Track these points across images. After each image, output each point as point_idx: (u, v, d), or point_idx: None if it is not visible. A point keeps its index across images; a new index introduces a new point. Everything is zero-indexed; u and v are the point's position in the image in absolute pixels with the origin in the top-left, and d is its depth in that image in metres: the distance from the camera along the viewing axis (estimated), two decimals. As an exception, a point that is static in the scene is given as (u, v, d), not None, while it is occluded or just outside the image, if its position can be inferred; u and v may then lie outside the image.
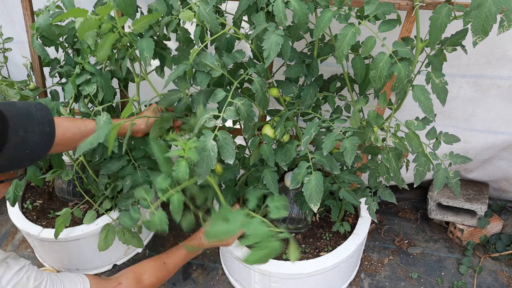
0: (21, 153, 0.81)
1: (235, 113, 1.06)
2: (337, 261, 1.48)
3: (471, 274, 1.79)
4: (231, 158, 1.05)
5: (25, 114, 0.83)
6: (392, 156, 1.20)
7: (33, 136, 0.83)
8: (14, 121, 0.79)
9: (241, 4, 1.14)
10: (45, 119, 0.86)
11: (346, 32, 1.03)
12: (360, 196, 1.45)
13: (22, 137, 0.80)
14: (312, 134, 1.16)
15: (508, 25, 0.88)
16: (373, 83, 1.06)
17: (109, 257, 1.85)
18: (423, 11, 1.10)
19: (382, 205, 2.11)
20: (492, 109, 1.61)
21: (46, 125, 0.85)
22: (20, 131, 0.80)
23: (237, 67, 1.28)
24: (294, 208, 1.59)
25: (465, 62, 1.51)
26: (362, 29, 1.05)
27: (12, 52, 1.74)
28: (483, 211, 1.79)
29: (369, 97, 1.32)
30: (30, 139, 0.82)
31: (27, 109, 0.84)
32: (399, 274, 1.80)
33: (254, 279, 1.56)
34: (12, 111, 0.81)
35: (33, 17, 1.49)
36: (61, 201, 1.86)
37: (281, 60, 1.25)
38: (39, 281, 0.90)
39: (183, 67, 1.14)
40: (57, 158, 1.54)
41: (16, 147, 0.79)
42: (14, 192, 1.43)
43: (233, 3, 1.29)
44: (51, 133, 0.87)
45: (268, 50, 1.06)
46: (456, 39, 1.12)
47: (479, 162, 1.82)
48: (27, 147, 0.81)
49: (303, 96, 1.29)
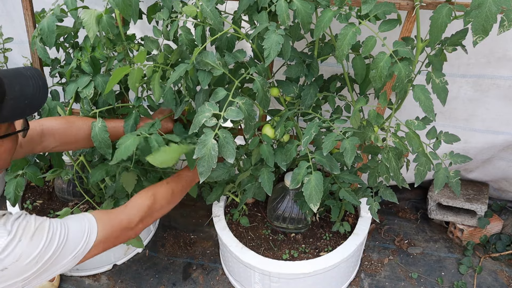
0: (21, 105, 0.88)
1: (237, 113, 1.06)
2: (337, 261, 1.48)
3: (471, 274, 1.79)
4: (232, 157, 1.05)
5: (16, 73, 0.90)
6: (392, 155, 1.20)
7: (28, 89, 0.89)
8: (8, 78, 0.86)
9: (241, 4, 1.14)
10: (35, 75, 0.92)
11: (346, 32, 1.03)
12: (361, 196, 1.45)
13: (19, 91, 0.87)
14: (312, 134, 1.16)
15: (509, 25, 0.88)
16: (374, 82, 1.06)
17: (109, 257, 1.85)
18: (424, 11, 1.10)
19: (382, 205, 2.11)
20: (492, 109, 1.61)
21: (37, 79, 0.92)
22: (16, 85, 0.87)
23: (237, 67, 1.28)
24: (294, 208, 1.59)
25: (465, 62, 1.51)
26: (363, 29, 1.05)
27: (12, 52, 1.74)
28: (483, 211, 1.79)
29: (369, 97, 1.32)
30: (27, 91, 0.89)
31: (17, 70, 0.92)
32: (399, 274, 1.80)
33: (254, 279, 1.56)
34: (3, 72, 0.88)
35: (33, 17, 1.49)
36: (61, 201, 1.86)
37: (281, 60, 1.25)
38: (40, 220, 0.93)
39: (184, 66, 1.14)
40: (57, 158, 1.54)
41: (16, 99, 0.86)
42: (15, 192, 1.43)
43: (232, 3, 1.29)
44: (44, 85, 0.93)
45: (269, 50, 1.06)
46: (457, 39, 1.12)
47: (479, 162, 1.82)
48: (26, 98, 0.88)
49: (303, 96, 1.29)
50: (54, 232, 0.93)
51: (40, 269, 0.90)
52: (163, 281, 1.82)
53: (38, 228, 0.91)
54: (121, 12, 1.18)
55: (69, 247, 0.96)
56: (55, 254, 0.92)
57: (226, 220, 1.65)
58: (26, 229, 0.89)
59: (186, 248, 1.96)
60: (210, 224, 2.04)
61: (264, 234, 1.66)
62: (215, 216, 1.66)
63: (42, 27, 1.30)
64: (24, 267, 0.87)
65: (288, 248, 1.59)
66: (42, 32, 1.30)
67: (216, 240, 1.95)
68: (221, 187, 1.58)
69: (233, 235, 1.58)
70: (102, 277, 1.84)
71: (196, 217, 2.10)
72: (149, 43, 1.32)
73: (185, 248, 1.96)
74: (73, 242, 0.97)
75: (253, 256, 1.51)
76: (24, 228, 0.89)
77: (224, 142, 1.05)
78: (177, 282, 1.82)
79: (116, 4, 1.16)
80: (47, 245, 0.91)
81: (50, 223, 0.94)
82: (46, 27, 1.30)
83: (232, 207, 1.75)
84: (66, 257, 0.95)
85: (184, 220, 2.08)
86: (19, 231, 0.88)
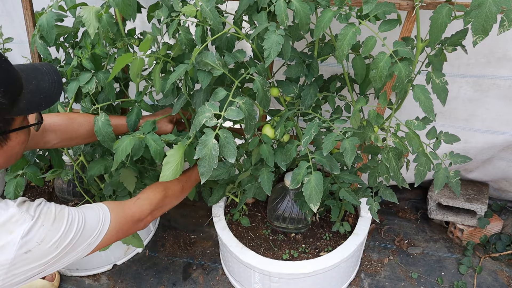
0: (37, 99, 0.92)
1: (237, 113, 1.06)
2: (337, 261, 1.48)
3: (471, 274, 1.79)
4: (233, 157, 1.05)
5: (32, 68, 0.95)
6: (392, 155, 1.20)
7: (44, 84, 0.94)
8: (25, 73, 0.91)
9: (241, 4, 1.14)
10: (51, 70, 0.97)
11: (346, 32, 1.03)
12: (361, 196, 1.45)
13: (35, 85, 0.92)
14: (312, 134, 1.16)
15: (509, 25, 0.88)
16: (374, 83, 1.06)
17: (109, 257, 1.85)
18: (424, 11, 1.10)
19: (382, 205, 2.11)
20: (492, 109, 1.61)
21: (53, 74, 0.97)
22: (33, 80, 0.92)
23: (238, 67, 1.28)
24: (294, 208, 1.59)
25: (465, 62, 1.51)
26: (363, 29, 1.05)
27: (12, 52, 1.73)
28: (483, 211, 1.79)
29: (369, 97, 1.32)
30: (43, 86, 0.94)
31: (33, 65, 0.97)
32: (399, 274, 1.80)
33: (254, 279, 1.56)
34: (21, 66, 0.93)
35: (33, 17, 1.49)
36: (61, 201, 1.86)
37: (281, 60, 1.25)
38: (60, 208, 0.96)
39: (184, 66, 1.14)
40: (57, 158, 1.54)
41: (32, 93, 0.91)
42: (15, 192, 1.43)
43: (233, 4, 1.29)
44: (59, 81, 0.98)
45: (269, 50, 1.06)
46: (456, 39, 1.12)
47: (479, 162, 1.82)
48: (42, 92, 0.93)
49: (303, 96, 1.29)
50: (73, 219, 0.96)
51: (59, 254, 0.94)
52: (163, 281, 1.82)
53: (59, 214, 0.94)
54: (120, 12, 1.18)
55: (86, 234, 0.99)
56: (73, 240, 0.96)
57: (226, 220, 1.65)
58: (48, 214, 0.92)
59: (186, 248, 1.96)
60: (210, 224, 2.04)
61: (264, 234, 1.66)
62: (215, 216, 1.66)
63: (41, 23, 1.31)
64: (46, 251, 0.90)
65: (288, 248, 1.60)
66: (42, 29, 1.30)
67: (216, 240, 1.95)
68: (222, 188, 1.58)
69: (233, 235, 1.58)
70: (102, 277, 1.84)
71: (196, 217, 2.10)
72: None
73: (185, 248, 1.96)
74: (89, 230, 1.00)
75: (253, 256, 1.51)
76: (46, 213, 0.92)
77: (224, 142, 1.05)
78: (177, 282, 1.82)
79: (116, 4, 1.16)
80: (67, 230, 0.94)
81: (69, 210, 0.97)
82: (46, 23, 1.30)
83: (232, 207, 1.75)
84: (82, 243, 0.99)
85: (184, 220, 2.08)
86: (42, 216, 0.91)
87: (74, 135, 1.30)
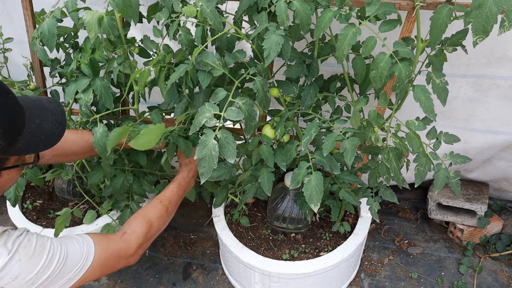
0: (36, 139, 0.88)
1: (237, 113, 1.06)
2: (337, 261, 1.48)
3: (471, 274, 1.79)
4: (232, 157, 1.05)
5: (39, 105, 0.91)
6: (392, 156, 1.20)
7: (47, 124, 0.90)
8: (29, 110, 0.87)
9: (241, 4, 1.14)
10: (57, 110, 0.93)
11: (346, 32, 1.03)
12: (361, 197, 1.45)
13: (38, 124, 0.88)
14: (312, 134, 1.16)
15: (509, 25, 0.88)
16: (374, 83, 1.06)
17: (109, 257, 1.85)
18: (424, 11, 1.10)
19: (382, 205, 2.11)
20: (492, 109, 1.61)
21: (59, 115, 0.93)
22: (36, 119, 0.88)
23: (237, 67, 1.28)
24: (294, 208, 1.59)
25: (466, 62, 1.51)
26: (363, 29, 1.05)
27: (12, 52, 1.73)
28: (483, 211, 1.79)
29: (369, 97, 1.32)
30: (45, 127, 0.89)
31: (40, 101, 0.93)
32: (399, 274, 1.80)
33: (254, 279, 1.56)
34: (27, 102, 0.89)
35: (33, 17, 1.49)
36: (61, 201, 1.86)
37: (281, 60, 1.25)
38: (41, 240, 0.93)
39: (184, 66, 1.14)
40: (57, 158, 1.54)
41: (33, 133, 0.87)
42: (15, 192, 1.43)
43: (233, 4, 1.29)
44: (63, 122, 0.94)
45: (269, 50, 1.06)
46: (457, 39, 1.12)
47: (479, 162, 1.82)
48: (42, 133, 0.89)
49: (303, 96, 1.29)
50: (54, 253, 0.93)
51: None
52: (163, 281, 1.82)
53: (39, 247, 0.91)
54: (121, 13, 1.18)
55: (66, 269, 0.95)
56: (52, 275, 0.92)
57: (226, 220, 1.65)
58: (26, 247, 0.89)
59: (186, 248, 1.96)
60: (210, 224, 2.04)
61: (264, 234, 1.66)
62: (215, 216, 1.66)
63: (43, 30, 1.29)
64: (20, 287, 0.87)
65: (288, 248, 1.59)
66: (43, 36, 1.29)
67: (216, 240, 1.95)
68: (225, 189, 1.57)
69: (233, 235, 1.58)
70: (102, 277, 1.84)
71: (196, 217, 2.10)
72: (148, 43, 1.32)
73: (185, 248, 1.96)
74: (70, 265, 0.96)
75: (253, 256, 1.51)
76: (25, 246, 0.89)
77: (224, 143, 1.05)
78: (177, 282, 1.82)
79: (116, 5, 1.16)
80: (46, 266, 0.90)
81: (51, 243, 0.93)
82: (47, 30, 1.29)
83: (232, 207, 1.75)
84: (62, 278, 0.95)
85: (184, 220, 2.08)
86: (20, 250, 0.88)
87: (68, 152, 1.28)
